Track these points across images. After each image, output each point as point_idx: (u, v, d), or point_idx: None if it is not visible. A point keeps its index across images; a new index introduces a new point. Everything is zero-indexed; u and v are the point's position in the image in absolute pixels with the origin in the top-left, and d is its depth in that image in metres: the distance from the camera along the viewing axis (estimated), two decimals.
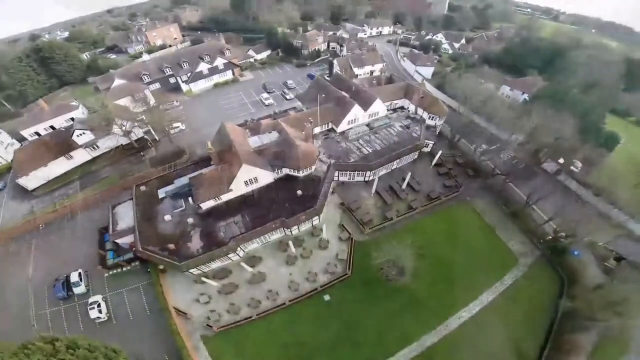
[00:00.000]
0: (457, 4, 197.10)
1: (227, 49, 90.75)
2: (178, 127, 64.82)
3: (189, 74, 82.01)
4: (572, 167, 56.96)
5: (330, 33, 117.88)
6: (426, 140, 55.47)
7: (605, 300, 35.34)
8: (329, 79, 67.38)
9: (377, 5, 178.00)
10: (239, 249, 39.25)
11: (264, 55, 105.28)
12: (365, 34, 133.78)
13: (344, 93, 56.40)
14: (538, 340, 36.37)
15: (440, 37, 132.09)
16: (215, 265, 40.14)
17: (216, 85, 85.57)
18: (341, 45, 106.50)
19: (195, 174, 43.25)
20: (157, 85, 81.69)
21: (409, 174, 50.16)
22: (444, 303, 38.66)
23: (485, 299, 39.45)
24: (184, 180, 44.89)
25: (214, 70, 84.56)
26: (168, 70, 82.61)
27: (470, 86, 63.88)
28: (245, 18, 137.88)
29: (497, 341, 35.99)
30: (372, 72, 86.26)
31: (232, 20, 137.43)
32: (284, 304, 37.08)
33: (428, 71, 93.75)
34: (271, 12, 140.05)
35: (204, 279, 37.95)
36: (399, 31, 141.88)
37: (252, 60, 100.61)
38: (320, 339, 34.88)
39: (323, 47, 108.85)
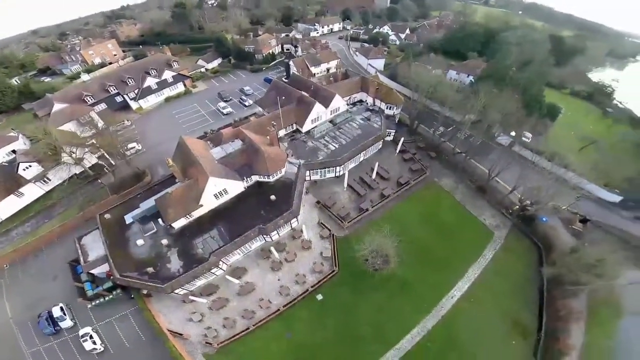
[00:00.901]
0: None
1: (175, 61, 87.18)
2: (134, 147, 61.19)
3: (136, 91, 77.51)
4: (523, 138, 62.46)
5: (283, 35, 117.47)
6: (387, 130, 57.42)
7: (582, 264, 35.85)
8: (287, 80, 67.30)
9: (325, 3, 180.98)
10: (220, 262, 38.19)
11: (215, 64, 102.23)
12: (317, 32, 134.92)
13: (303, 93, 56.64)
14: (533, 309, 38.18)
15: (386, 29, 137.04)
16: (201, 282, 38.82)
17: (168, 100, 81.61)
18: (295, 46, 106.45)
19: (161, 194, 41.03)
20: (103, 106, 75.60)
21: (377, 163, 51.92)
22: (434, 285, 39.87)
23: (472, 275, 41.07)
24: (149, 202, 42.42)
25: (163, 84, 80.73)
26: (113, 89, 77.06)
27: (419, 74, 66.57)
28: (189, 28, 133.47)
29: (494, 315, 37.38)
30: (328, 70, 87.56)
31: (176, 32, 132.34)
32: (279, 310, 36.78)
33: (380, 63, 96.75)
34: (217, 21, 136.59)
35: (191, 297, 36.66)
36: (349, 27, 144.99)
37: (203, 70, 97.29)
38: (321, 338, 35.02)
39: (277, 49, 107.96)
